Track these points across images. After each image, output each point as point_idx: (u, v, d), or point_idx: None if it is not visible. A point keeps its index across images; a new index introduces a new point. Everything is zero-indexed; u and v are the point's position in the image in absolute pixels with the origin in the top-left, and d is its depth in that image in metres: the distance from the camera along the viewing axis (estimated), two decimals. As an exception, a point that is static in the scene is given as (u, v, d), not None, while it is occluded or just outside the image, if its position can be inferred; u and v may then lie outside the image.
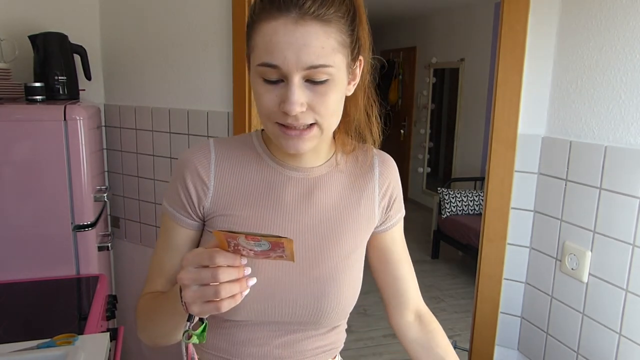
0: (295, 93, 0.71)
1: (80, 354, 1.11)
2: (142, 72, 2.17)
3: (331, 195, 0.88)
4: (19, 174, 1.67)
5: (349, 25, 0.74)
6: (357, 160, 0.92)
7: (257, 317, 0.83)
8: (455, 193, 4.51)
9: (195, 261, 0.64)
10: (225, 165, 0.85)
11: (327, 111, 0.74)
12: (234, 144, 0.88)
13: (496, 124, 1.44)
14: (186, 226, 0.85)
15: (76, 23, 2.18)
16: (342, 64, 0.74)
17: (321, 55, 0.70)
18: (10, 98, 1.85)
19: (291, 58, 0.69)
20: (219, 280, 0.63)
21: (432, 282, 4.21)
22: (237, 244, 0.63)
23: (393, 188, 0.94)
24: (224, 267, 0.63)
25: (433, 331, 0.99)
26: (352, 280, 0.87)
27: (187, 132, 2.04)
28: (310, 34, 0.69)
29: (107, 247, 1.92)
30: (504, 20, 1.39)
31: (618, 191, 1.18)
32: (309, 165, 0.87)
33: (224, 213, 0.83)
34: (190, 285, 0.64)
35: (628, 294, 1.16)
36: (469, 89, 5.47)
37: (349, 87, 0.80)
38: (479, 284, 1.54)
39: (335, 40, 0.71)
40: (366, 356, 3.01)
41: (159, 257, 0.88)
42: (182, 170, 0.84)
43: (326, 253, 0.85)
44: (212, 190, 0.83)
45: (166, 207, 0.87)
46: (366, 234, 0.92)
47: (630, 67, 1.16)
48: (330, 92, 0.73)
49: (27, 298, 1.60)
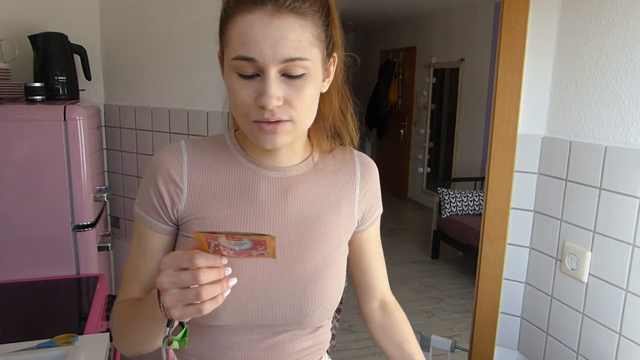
0: (272, 87, 0.70)
1: (80, 354, 1.11)
2: (142, 72, 2.17)
3: (310, 194, 0.87)
4: (19, 174, 1.67)
5: (323, 21, 0.74)
6: (336, 160, 0.91)
7: (238, 320, 0.81)
8: (455, 193, 4.51)
9: (174, 264, 0.62)
10: (198, 167, 0.83)
11: (303, 106, 0.74)
12: (206, 144, 0.86)
13: (496, 124, 1.44)
14: (160, 231, 0.83)
15: (76, 23, 2.18)
16: (317, 59, 0.74)
17: (298, 48, 0.70)
18: (10, 98, 1.85)
19: (268, 51, 0.68)
20: (200, 282, 0.61)
21: (432, 282, 4.20)
22: (218, 244, 0.61)
23: (373, 192, 0.95)
24: (205, 269, 0.61)
25: (395, 319, 1.02)
26: (334, 279, 0.86)
27: (187, 132, 2.04)
28: (286, 27, 0.69)
29: (107, 247, 1.92)
30: (504, 20, 1.39)
31: (618, 191, 1.18)
32: (285, 164, 0.86)
33: (199, 216, 0.81)
34: (170, 288, 0.62)
35: (628, 294, 1.16)
36: (469, 89, 5.47)
37: (324, 84, 0.80)
38: (479, 284, 1.54)
39: (311, 34, 0.71)
40: (366, 356, 3.00)
41: (133, 264, 0.86)
42: (154, 173, 0.82)
43: (306, 252, 0.84)
44: (185, 192, 0.81)
45: (138, 212, 0.84)
46: (347, 232, 0.91)
47: (630, 67, 1.16)
48: (307, 87, 0.73)
49: (27, 298, 1.60)
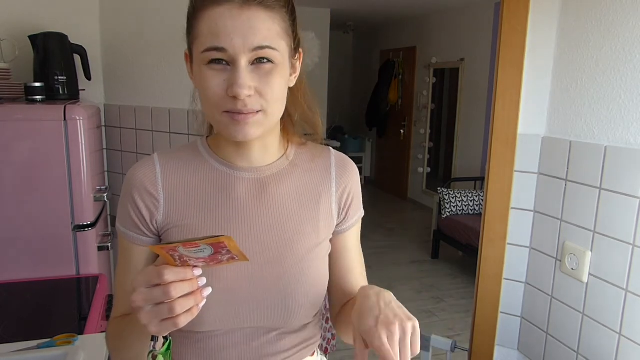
0: (243, 75, 0.71)
1: (80, 354, 1.11)
2: (142, 72, 2.17)
3: (287, 192, 0.87)
4: (19, 174, 1.67)
5: (290, 16, 0.77)
6: (312, 158, 0.91)
7: (224, 324, 0.81)
8: (455, 193, 4.51)
9: (145, 281, 0.63)
10: (172, 176, 0.84)
11: (273, 96, 0.75)
12: (178, 153, 0.87)
13: (496, 124, 1.44)
14: (141, 244, 0.84)
15: (76, 23, 2.18)
16: (285, 52, 0.76)
17: (267, 37, 0.72)
18: (10, 98, 1.85)
19: (238, 41, 0.70)
20: (171, 297, 0.61)
21: (432, 282, 4.20)
22: (182, 255, 0.62)
23: (351, 191, 0.92)
24: (176, 283, 0.62)
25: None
26: (316, 276, 0.86)
27: (187, 132, 2.04)
28: (256, 18, 0.71)
29: (107, 247, 1.92)
30: (504, 20, 1.39)
31: (618, 191, 1.18)
32: (259, 164, 0.86)
33: (178, 224, 0.82)
34: (144, 306, 0.63)
35: (628, 294, 1.16)
36: (469, 89, 5.46)
37: (291, 78, 0.81)
38: (479, 284, 1.54)
39: (279, 26, 0.74)
40: (366, 356, 3.00)
41: (120, 280, 0.87)
42: (129, 188, 0.83)
43: (287, 250, 0.84)
44: (162, 202, 0.82)
45: (119, 228, 0.85)
46: (327, 229, 0.90)
47: (630, 67, 1.16)
48: (276, 77, 0.74)
49: (27, 298, 1.60)
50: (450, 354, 1.69)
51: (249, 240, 0.83)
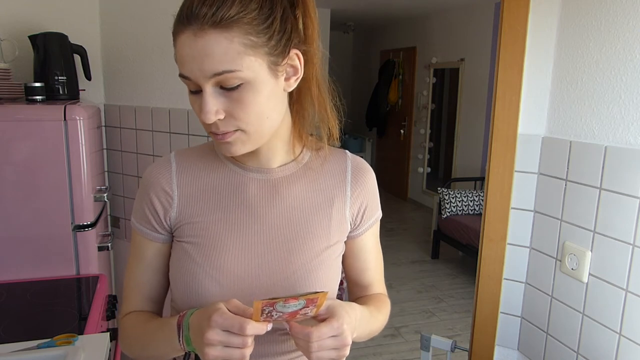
0: (208, 102, 0.72)
1: (80, 354, 1.11)
2: (142, 72, 2.17)
3: (299, 194, 0.87)
4: (19, 174, 1.67)
5: (262, 23, 0.70)
6: (329, 161, 0.91)
7: None
8: (455, 193, 4.51)
9: (226, 325, 0.68)
10: (187, 174, 0.86)
11: (248, 116, 0.74)
12: (195, 152, 0.89)
13: (496, 124, 1.44)
14: (154, 239, 0.86)
15: (76, 23, 2.18)
16: (255, 66, 0.71)
17: (224, 62, 0.69)
18: (10, 98, 1.85)
19: (195, 70, 0.71)
20: (246, 346, 0.68)
21: (432, 282, 4.20)
22: (272, 310, 0.67)
23: (365, 195, 0.93)
24: (252, 336, 0.68)
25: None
26: (324, 279, 0.86)
27: (187, 132, 2.04)
28: (210, 43, 0.69)
29: (107, 247, 1.92)
30: (504, 19, 1.39)
31: (618, 191, 1.18)
32: (269, 166, 0.87)
33: (190, 220, 0.84)
34: (217, 345, 0.68)
35: (628, 294, 1.16)
36: (469, 89, 5.46)
37: (289, 82, 0.78)
38: (479, 284, 1.54)
39: (240, 44, 0.69)
40: (366, 356, 3.01)
41: (133, 275, 0.89)
42: (146, 186, 0.86)
43: (296, 251, 0.84)
44: (176, 199, 0.84)
45: (134, 224, 0.88)
46: (339, 233, 0.90)
47: (630, 67, 1.16)
48: (247, 96, 0.72)
49: (27, 298, 1.60)
50: (450, 354, 1.69)
51: (258, 239, 0.84)
